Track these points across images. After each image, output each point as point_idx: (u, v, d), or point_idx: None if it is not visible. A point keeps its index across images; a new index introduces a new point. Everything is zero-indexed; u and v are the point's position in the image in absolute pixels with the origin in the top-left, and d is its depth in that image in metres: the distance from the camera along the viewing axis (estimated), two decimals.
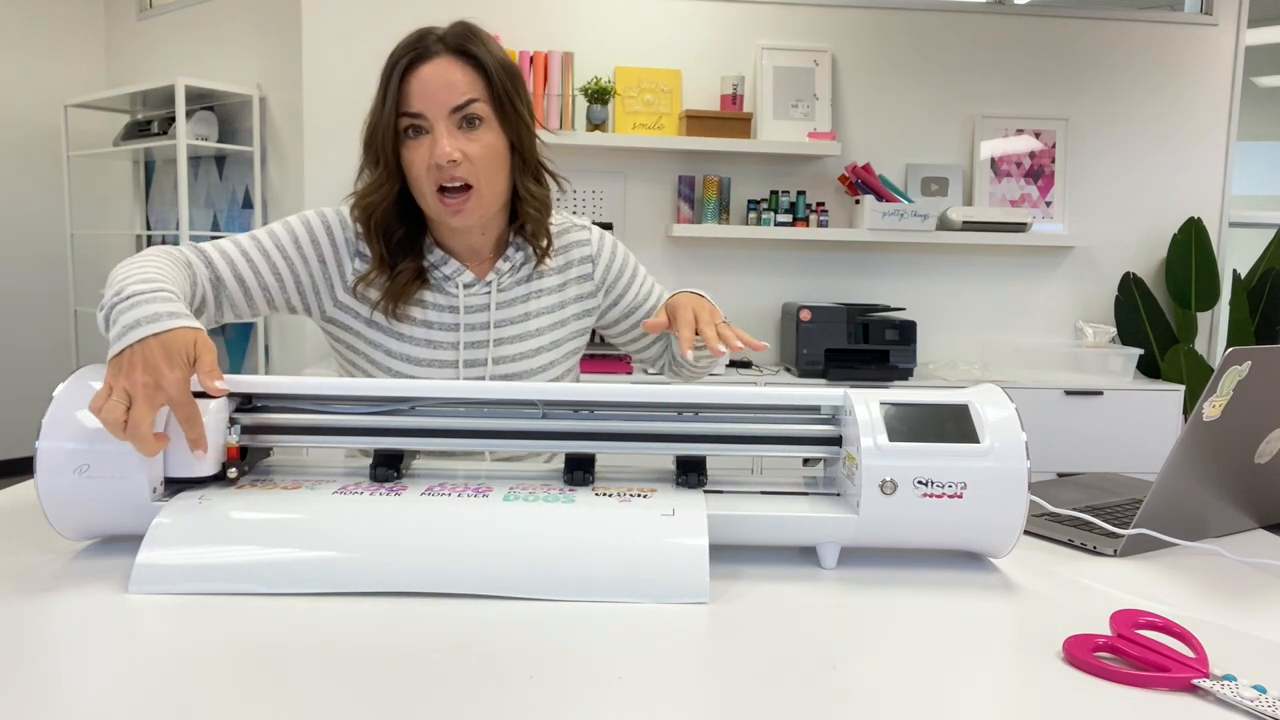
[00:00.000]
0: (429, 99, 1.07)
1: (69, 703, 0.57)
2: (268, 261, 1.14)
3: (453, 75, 1.07)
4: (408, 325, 1.18)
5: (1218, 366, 0.88)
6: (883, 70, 3.23)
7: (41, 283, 4.03)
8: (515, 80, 1.12)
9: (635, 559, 0.78)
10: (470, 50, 1.08)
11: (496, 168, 1.11)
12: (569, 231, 1.27)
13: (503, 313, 1.20)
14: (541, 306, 1.23)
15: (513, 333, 1.21)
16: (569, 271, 1.25)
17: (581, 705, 0.58)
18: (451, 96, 1.07)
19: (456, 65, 1.08)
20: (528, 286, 1.22)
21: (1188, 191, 3.36)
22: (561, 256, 1.25)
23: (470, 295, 1.19)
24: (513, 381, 1.16)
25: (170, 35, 3.71)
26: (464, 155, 1.07)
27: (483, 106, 1.08)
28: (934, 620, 0.74)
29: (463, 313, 1.18)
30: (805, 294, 3.25)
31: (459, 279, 1.18)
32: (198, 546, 0.78)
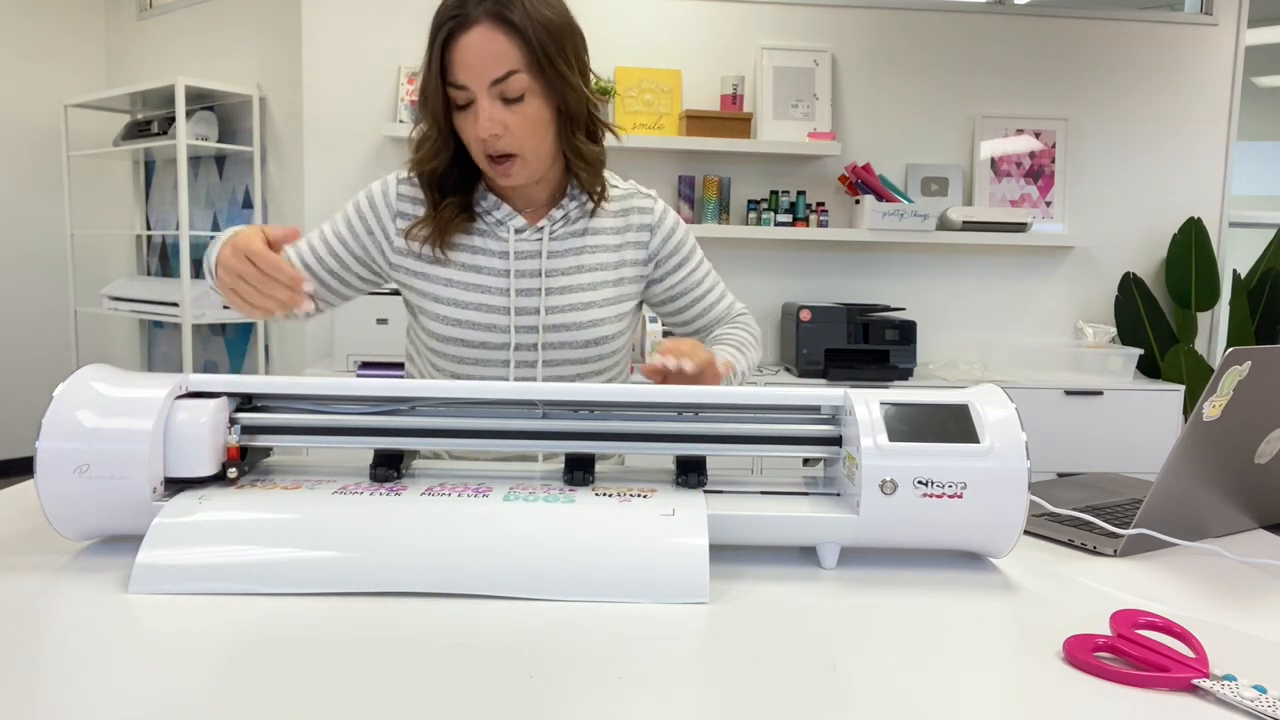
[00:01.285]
0: (470, 71, 1.07)
1: (69, 702, 0.57)
2: (328, 250, 1.22)
3: (492, 45, 1.06)
4: (456, 270, 1.19)
5: (1218, 366, 0.88)
6: (883, 70, 3.23)
7: (41, 283, 4.03)
8: (559, 40, 1.09)
9: (635, 559, 0.78)
10: (507, 15, 1.05)
11: (541, 135, 1.12)
12: (633, 197, 1.26)
13: (555, 261, 1.19)
14: (596, 261, 1.21)
15: (564, 283, 1.20)
16: (627, 233, 1.24)
17: (581, 705, 0.58)
18: (491, 69, 1.06)
19: (496, 33, 1.06)
20: (582, 239, 1.22)
21: (1188, 191, 3.36)
22: (622, 218, 1.24)
23: (521, 240, 1.19)
24: (567, 336, 1.19)
25: (170, 35, 3.71)
26: (506, 128, 1.08)
27: (522, 78, 1.07)
28: (934, 620, 0.74)
29: (513, 258, 1.18)
30: (805, 294, 3.25)
31: (511, 223, 1.19)
32: (198, 547, 0.78)
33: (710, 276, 1.32)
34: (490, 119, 1.07)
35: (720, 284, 1.34)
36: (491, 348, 1.18)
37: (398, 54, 3.03)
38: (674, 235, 1.27)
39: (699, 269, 1.30)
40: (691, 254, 1.29)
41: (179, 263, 3.23)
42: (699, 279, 1.30)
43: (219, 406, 0.87)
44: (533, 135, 1.11)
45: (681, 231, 1.28)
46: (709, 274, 1.32)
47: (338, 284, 1.24)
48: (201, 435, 0.85)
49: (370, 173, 3.03)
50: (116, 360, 3.98)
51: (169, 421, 0.84)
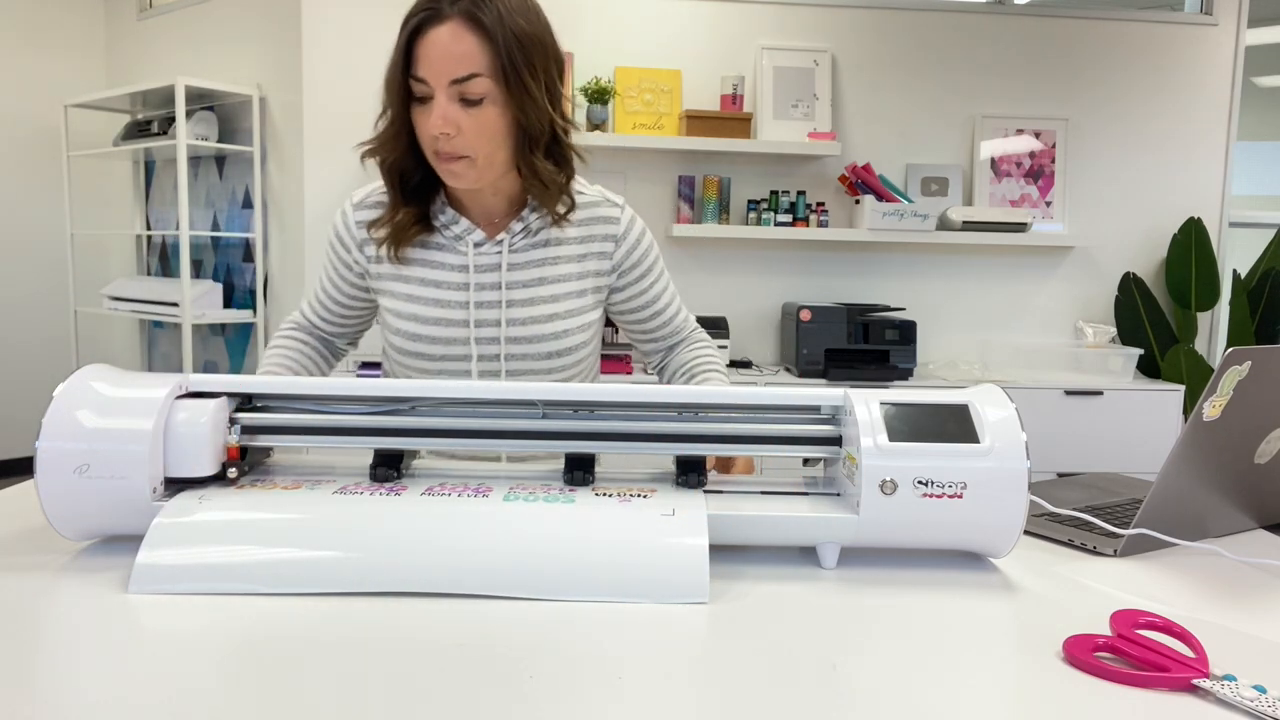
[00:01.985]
0: (432, 66, 1.05)
1: (69, 702, 0.57)
2: (329, 298, 1.27)
3: (459, 45, 1.04)
4: (416, 285, 1.19)
5: (1218, 366, 0.88)
6: (883, 70, 3.23)
7: (41, 283, 4.03)
8: (529, 53, 1.06)
9: (635, 559, 0.78)
10: (480, 17, 1.03)
11: (494, 143, 1.09)
12: (599, 205, 1.23)
13: (515, 274, 1.18)
14: (559, 274, 1.20)
15: (526, 295, 1.18)
16: (591, 244, 1.22)
17: (581, 705, 0.58)
18: (453, 68, 1.04)
19: (465, 33, 1.04)
20: (544, 251, 1.20)
21: (1188, 191, 3.36)
22: (586, 227, 1.21)
23: (480, 254, 1.18)
24: (528, 348, 1.18)
25: (170, 35, 3.71)
26: (459, 129, 1.06)
27: (484, 82, 1.05)
28: (934, 620, 0.74)
29: (472, 271, 1.17)
30: (805, 294, 3.25)
31: (469, 238, 1.18)
32: (198, 547, 0.78)
33: (670, 290, 1.31)
34: (444, 117, 1.05)
35: (678, 298, 1.33)
36: (454, 359, 1.19)
37: None
38: (639, 246, 1.25)
39: (659, 281, 1.29)
40: (654, 265, 1.28)
41: (179, 263, 3.23)
42: (659, 292, 1.29)
43: (219, 406, 0.87)
44: (486, 141, 1.08)
45: (647, 242, 1.27)
46: (669, 287, 1.31)
47: (355, 319, 1.30)
48: (201, 435, 0.85)
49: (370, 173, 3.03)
50: (116, 360, 3.97)
51: (169, 421, 0.84)
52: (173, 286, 3.35)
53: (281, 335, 1.29)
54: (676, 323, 1.32)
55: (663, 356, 1.35)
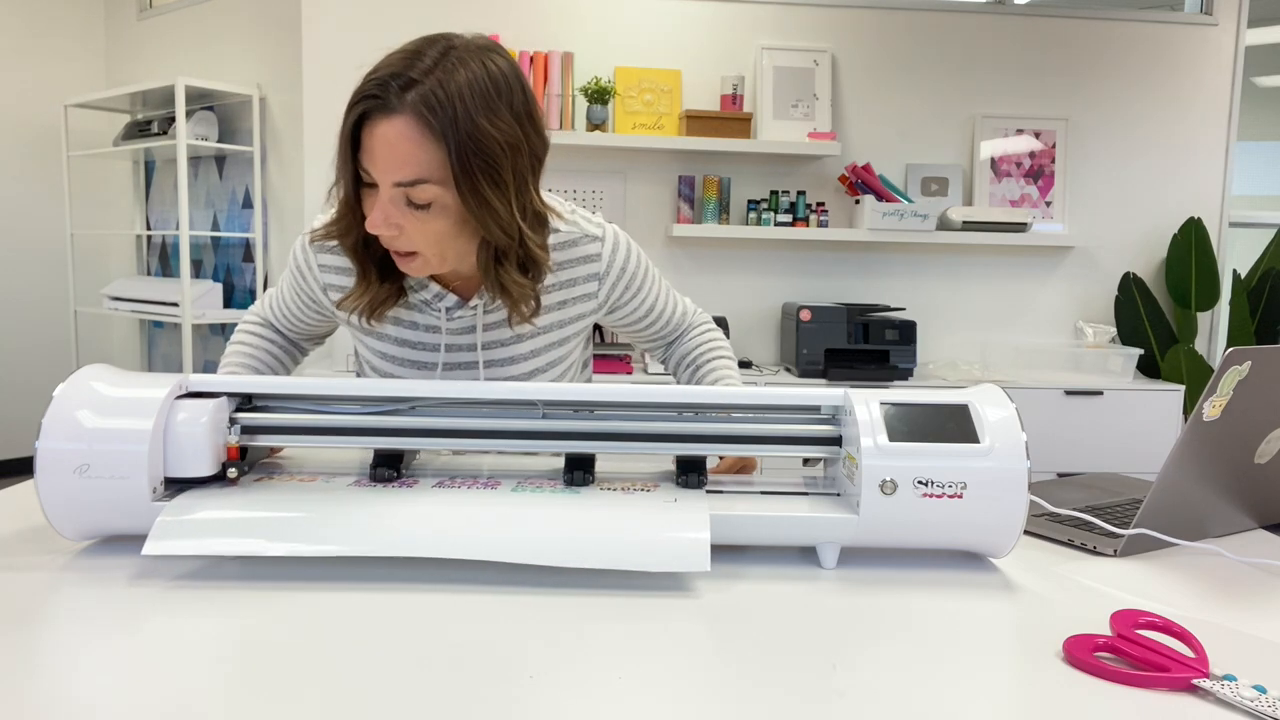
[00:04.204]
0: (374, 161, 0.92)
1: (69, 702, 0.57)
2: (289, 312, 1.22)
3: (404, 144, 0.90)
4: (390, 344, 1.14)
5: (1218, 366, 0.88)
6: (883, 70, 3.23)
7: (42, 283, 4.03)
8: (493, 159, 0.92)
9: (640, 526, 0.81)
10: (429, 118, 0.89)
11: (445, 245, 0.97)
12: (579, 243, 1.12)
13: (491, 334, 1.12)
14: (538, 327, 1.13)
15: (504, 355, 1.13)
16: (573, 288, 1.13)
17: (581, 705, 0.58)
18: (396, 169, 0.91)
19: (414, 131, 0.90)
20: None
21: (1188, 191, 3.36)
22: (566, 272, 1.11)
23: (454, 320, 1.10)
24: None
25: (170, 35, 3.71)
26: (399, 230, 0.94)
27: (431, 189, 0.92)
28: (934, 620, 0.74)
29: (444, 334, 1.11)
30: (805, 294, 3.25)
31: (440, 304, 1.10)
32: (214, 511, 0.78)
33: (662, 295, 1.25)
34: (384, 218, 0.92)
35: (672, 296, 1.27)
36: None
37: None
38: (625, 274, 1.15)
39: (650, 293, 1.22)
40: (644, 283, 1.20)
41: (179, 263, 3.23)
42: (652, 304, 1.23)
43: (219, 406, 0.87)
44: (434, 245, 0.97)
45: (633, 265, 1.16)
46: (661, 293, 1.24)
47: (320, 330, 1.27)
48: (201, 435, 0.85)
49: None
50: (116, 360, 3.98)
51: (169, 421, 0.84)
52: (173, 286, 3.35)
53: (245, 331, 1.23)
54: (674, 321, 1.29)
55: (664, 350, 1.33)
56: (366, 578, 0.80)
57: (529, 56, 2.95)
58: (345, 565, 0.82)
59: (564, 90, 2.98)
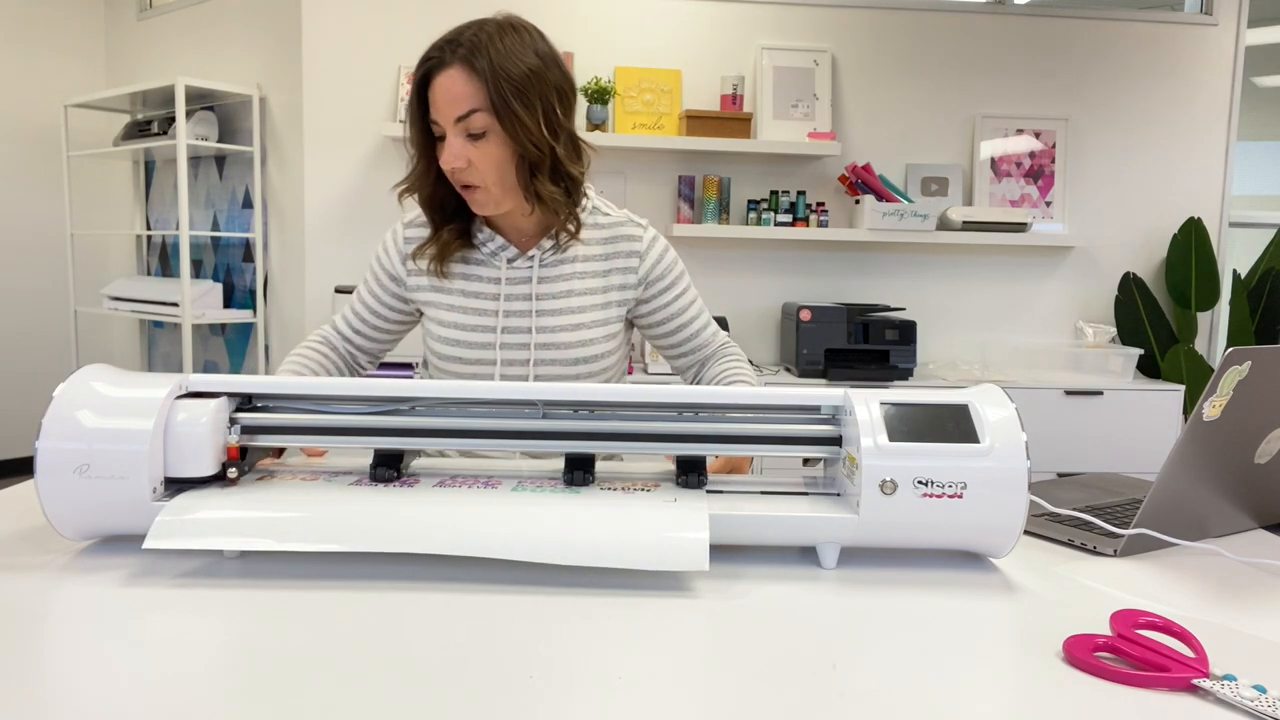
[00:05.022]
0: (439, 108, 1.17)
1: (70, 702, 0.57)
2: (368, 309, 1.36)
3: (457, 86, 1.15)
4: (457, 296, 1.29)
5: (1218, 366, 0.88)
6: (883, 70, 3.23)
7: (42, 283, 4.03)
8: (524, 89, 1.16)
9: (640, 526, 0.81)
10: (474, 61, 1.14)
11: (501, 171, 1.19)
12: (624, 225, 1.32)
13: (545, 286, 1.28)
14: (586, 286, 1.29)
15: (555, 306, 1.28)
16: (615, 260, 1.30)
17: (581, 705, 0.58)
18: (456, 107, 1.15)
19: (462, 76, 1.15)
20: (572, 266, 1.29)
21: (1188, 191, 3.36)
22: (610, 245, 1.31)
23: (512, 269, 1.28)
24: (556, 354, 1.27)
25: (170, 35, 3.71)
26: (468, 162, 1.17)
27: (483, 117, 1.15)
28: (934, 620, 0.74)
29: (504, 284, 1.28)
30: (805, 294, 3.25)
31: (503, 254, 1.28)
32: (214, 510, 0.78)
33: (697, 305, 1.37)
34: (453, 153, 1.16)
35: (705, 314, 1.39)
36: (486, 364, 1.28)
37: (398, 54, 3.03)
38: (662, 261, 1.32)
39: (685, 295, 1.35)
40: (679, 280, 1.34)
41: (179, 263, 3.23)
42: (685, 305, 1.35)
43: (219, 406, 0.87)
44: (493, 170, 1.18)
45: (670, 258, 1.34)
46: (695, 302, 1.37)
47: (385, 334, 1.38)
48: (201, 435, 0.85)
49: (370, 173, 3.04)
50: (116, 360, 3.98)
51: (169, 421, 0.84)
52: (173, 286, 3.35)
53: (306, 344, 1.35)
54: (705, 336, 1.38)
55: (696, 372, 1.40)
56: (366, 577, 0.80)
57: None
58: (345, 565, 0.82)
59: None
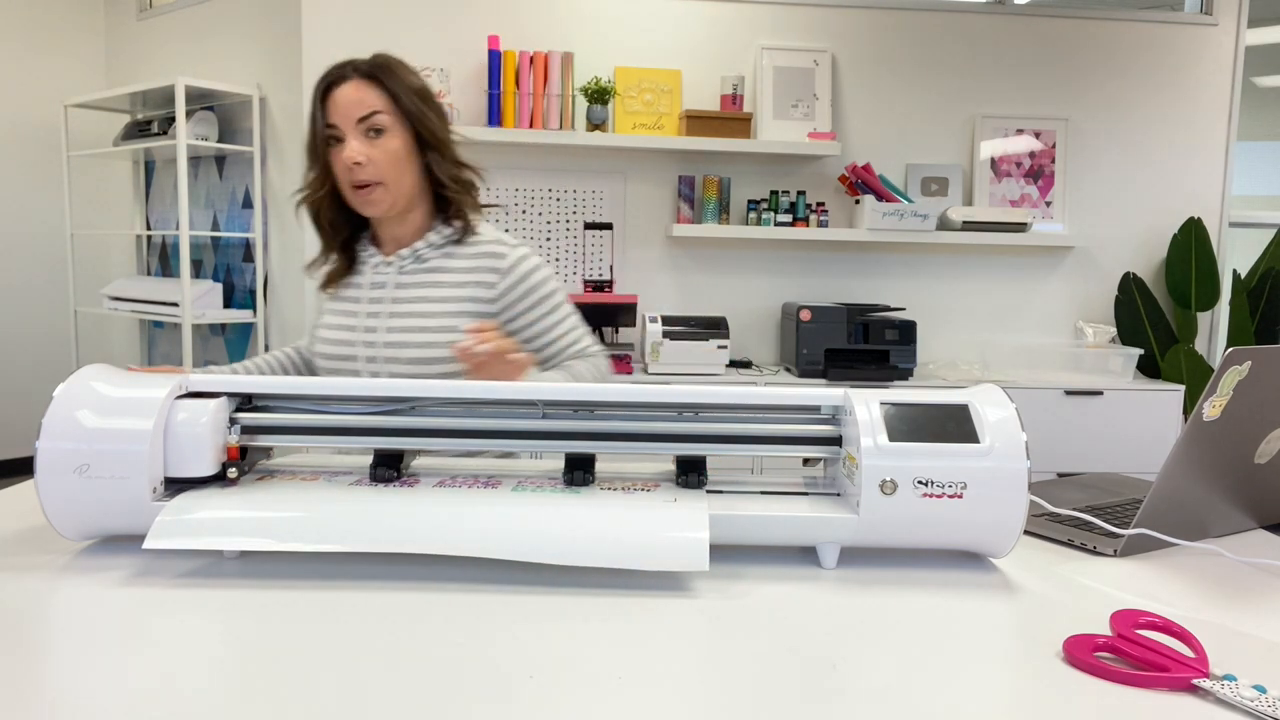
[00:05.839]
0: (340, 113, 1.31)
1: (70, 702, 0.57)
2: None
3: (359, 93, 1.31)
4: (338, 302, 1.43)
5: (1218, 366, 0.88)
6: (883, 70, 3.23)
7: (42, 282, 4.03)
8: (423, 97, 1.35)
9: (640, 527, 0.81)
10: (377, 75, 1.32)
11: (401, 167, 1.33)
12: (492, 244, 1.40)
13: (402, 291, 1.38)
14: (440, 295, 1.37)
15: (406, 309, 1.37)
16: (475, 273, 1.37)
17: (581, 705, 0.58)
18: (357, 110, 1.31)
19: (364, 85, 1.32)
20: (431, 276, 1.38)
21: (1188, 191, 3.36)
22: (474, 260, 1.38)
23: (377, 274, 1.41)
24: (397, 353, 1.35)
25: (170, 35, 3.71)
26: (368, 158, 1.30)
27: (384, 117, 1.31)
28: (934, 620, 0.74)
29: (368, 288, 1.40)
30: (805, 294, 3.25)
31: (371, 260, 1.42)
32: (214, 510, 0.78)
33: (565, 323, 1.41)
34: (354, 150, 1.30)
35: (574, 330, 1.43)
36: (344, 359, 1.40)
37: (397, 54, 3.03)
38: (524, 282, 1.38)
39: (549, 318, 1.40)
40: (542, 302, 1.39)
41: (179, 263, 3.23)
42: (549, 325, 1.40)
43: (219, 406, 0.87)
44: (393, 166, 1.32)
45: (534, 281, 1.39)
46: (561, 324, 1.41)
47: None
48: (201, 435, 0.85)
49: None
50: (116, 360, 3.97)
51: (169, 421, 0.84)
52: (173, 286, 3.35)
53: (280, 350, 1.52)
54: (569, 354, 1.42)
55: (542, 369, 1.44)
56: (366, 577, 0.80)
57: (529, 56, 2.95)
58: (345, 565, 0.82)
59: (564, 90, 2.98)
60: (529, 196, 3.13)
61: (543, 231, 3.14)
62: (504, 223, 3.12)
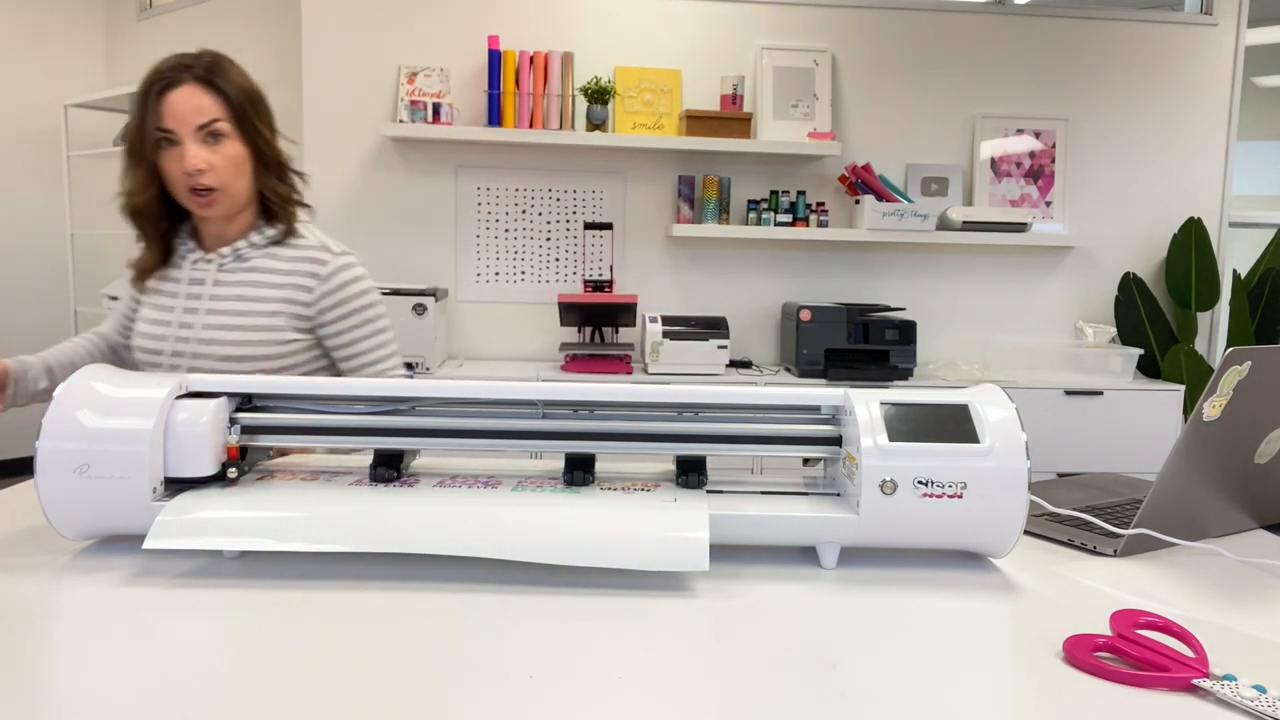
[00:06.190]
0: (178, 119, 1.30)
1: (70, 702, 0.57)
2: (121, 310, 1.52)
3: (198, 99, 1.31)
4: (154, 295, 1.43)
5: (1218, 366, 0.88)
6: (883, 70, 3.23)
7: (42, 282, 4.03)
8: (255, 103, 1.38)
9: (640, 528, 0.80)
10: (213, 80, 1.33)
11: (238, 173, 1.35)
12: (315, 250, 1.41)
13: (220, 289, 1.39)
14: (257, 294, 1.38)
15: (223, 306, 1.38)
16: (295, 276, 1.39)
17: (581, 705, 0.58)
18: (197, 117, 1.31)
19: (202, 91, 1.32)
20: (250, 275, 1.39)
21: (1188, 191, 3.36)
22: (295, 264, 1.40)
23: (195, 270, 1.40)
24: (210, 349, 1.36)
25: (170, 35, 3.71)
26: (209, 164, 1.32)
27: (224, 124, 1.33)
28: (934, 620, 0.74)
29: (185, 283, 1.40)
30: (805, 294, 3.25)
31: (191, 257, 1.41)
32: (214, 510, 0.78)
33: (371, 339, 1.43)
34: (195, 156, 1.30)
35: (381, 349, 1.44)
36: (155, 353, 1.40)
37: (398, 54, 3.03)
38: (340, 291, 1.39)
39: (359, 329, 1.41)
40: (355, 314, 1.40)
41: None
42: (356, 338, 1.41)
43: (219, 406, 0.87)
44: (232, 172, 1.34)
45: (352, 291, 1.40)
46: (371, 336, 1.42)
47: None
48: (201, 435, 0.85)
49: (370, 173, 3.03)
50: None
51: (169, 421, 0.84)
52: None
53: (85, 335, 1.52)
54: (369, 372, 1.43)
55: None
56: (366, 577, 0.80)
57: (529, 56, 2.95)
58: (345, 565, 0.82)
59: (564, 90, 2.98)
60: (529, 196, 3.13)
61: (543, 231, 3.14)
62: (492, 223, 3.12)
